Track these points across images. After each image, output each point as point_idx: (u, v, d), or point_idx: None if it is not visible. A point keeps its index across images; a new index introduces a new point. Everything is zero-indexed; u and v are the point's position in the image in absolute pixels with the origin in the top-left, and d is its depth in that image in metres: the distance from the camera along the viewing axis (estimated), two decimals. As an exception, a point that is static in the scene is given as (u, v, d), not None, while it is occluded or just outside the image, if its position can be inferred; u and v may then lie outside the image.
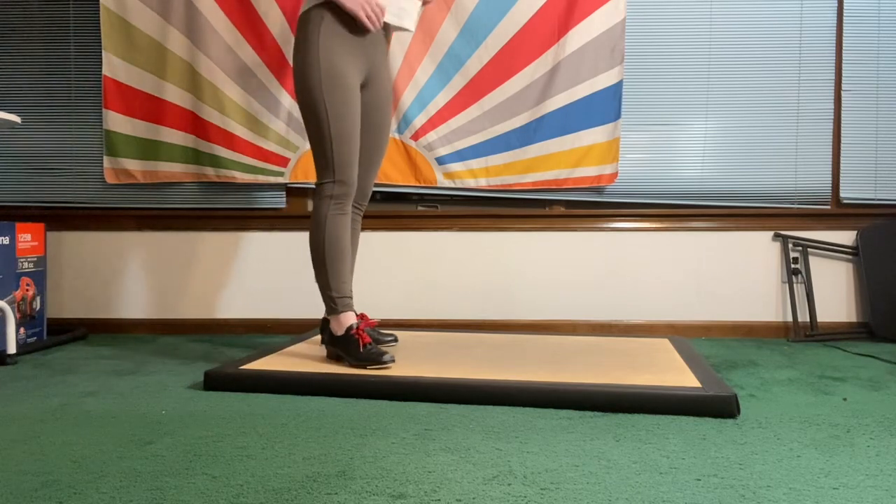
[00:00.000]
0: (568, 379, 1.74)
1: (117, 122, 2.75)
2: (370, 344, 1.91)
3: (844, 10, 2.67)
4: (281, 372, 1.83)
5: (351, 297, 1.99)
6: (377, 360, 1.87)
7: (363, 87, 2.05)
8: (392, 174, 2.73)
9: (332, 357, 2.00)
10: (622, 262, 2.75)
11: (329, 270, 1.95)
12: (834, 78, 2.69)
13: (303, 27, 1.94)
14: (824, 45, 2.68)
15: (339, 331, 1.95)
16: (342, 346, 1.94)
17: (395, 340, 2.24)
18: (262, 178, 2.75)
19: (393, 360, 1.89)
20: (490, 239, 2.78)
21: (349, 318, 1.96)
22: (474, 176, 2.73)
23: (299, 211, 2.83)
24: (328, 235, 1.93)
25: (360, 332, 1.92)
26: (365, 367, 1.88)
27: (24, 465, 1.25)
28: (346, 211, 1.97)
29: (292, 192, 2.82)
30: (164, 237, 2.84)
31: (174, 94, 2.73)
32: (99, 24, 2.73)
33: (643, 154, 2.73)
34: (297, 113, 2.72)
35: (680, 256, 2.75)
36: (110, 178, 2.77)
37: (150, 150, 2.75)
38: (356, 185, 2.01)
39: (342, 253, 1.95)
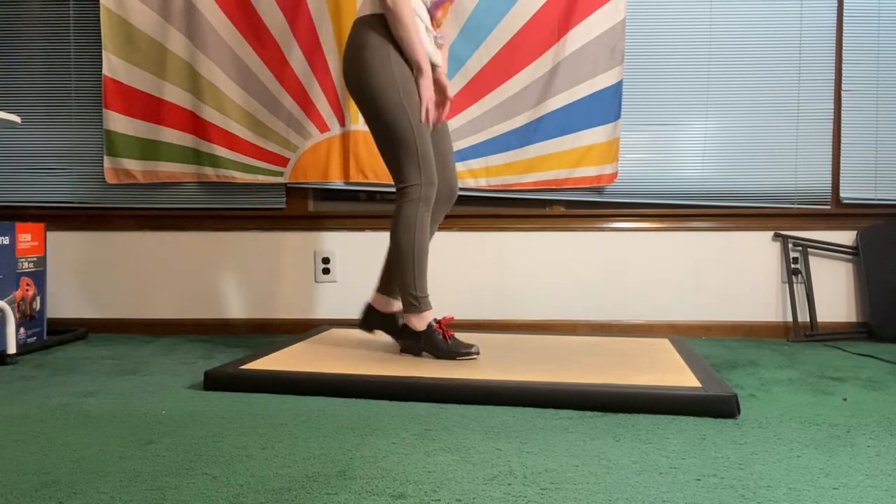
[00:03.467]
0: (568, 379, 1.74)
1: (117, 122, 2.75)
2: (454, 337, 2.02)
3: (844, 10, 2.67)
4: (281, 372, 1.83)
5: (428, 296, 2.08)
6: (466, 352, 1.99)
7: None
8: (392, 174, 2.72)
9: (409, 350, 2.09)
10: (622, 262, 2.76)
11: (416, 271, 2.02)
12: (834, 78, 2.69)
13: (366, 34, 1.95)
14: (824, 45, 2.68)
15: (420, 326, 2.04)
16: (427, 340, 2.03)
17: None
18: (262, 178, 2.75)
19: (478, 353, 2.01)
20: (490, 239, 2.78)
21: (430, 315, 2.05)
22: (474, 176, 2.73)
23: (299, 211, 2.83)
24: (417, 237, 2.00)
25: (442, 326, 2.03)
26: (455, 358, 1.99)
27: (24, 465, 1.25)
28: (429, 213, 2.04)
29: (292, 192, 2.82)
30: (164, 237, 2.84)
31: (174, 94, 2.73)
32: (99, 24, 2.74)
33: (643, 154, 2.73)
34: (297, 113, 2.72)
35: (680, 256, 2.75)
36: (110, 178, 2.77)
37: (150, 150, 2.76)
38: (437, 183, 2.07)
39: (426, 253, 2.04)
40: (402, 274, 2.02)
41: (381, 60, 1.94)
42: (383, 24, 1.95)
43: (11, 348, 2.23)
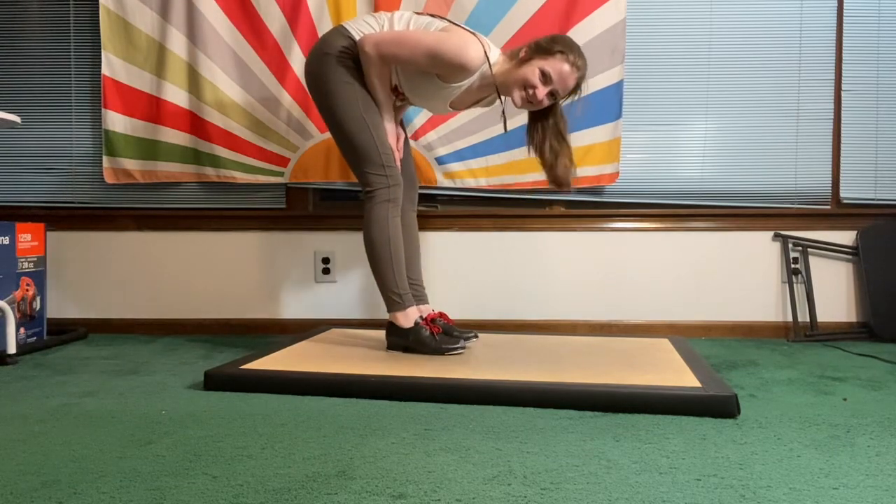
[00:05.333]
0: (568, 379, 1.74)
1: (117, 121, 2.75)
2: (441, 333, 2.06)
3: (844, 10, 2.67)
4: (281, 372, 1.83)
5: (410, 293, 2.12)
6: (453, 347, 2.02)
7: None
8: (392, 174, 2.73)
9: (395, 347, 2.11)
10: (622, 262, 2.75)
11: (395, 268, 2.05)
12: (834, 78, 2.69)
13: (336, 45, 2.01)
14: (824, 45, 2.68)
15: (406, 323, 2.07)
16: (414, 337, 2.06)
17: (476, 336, 2.27)
18: (262, 178, 2.75)
19: (465, 347, 2.05)
20: (490, 239, 2.78)
21: (415, 312, 2.09)
22: (474, 176, 2.73)
23: (299, 211, 2.83)
24: (391, 238, 2.04)
25: (429, 322, 2.05)
26: (443, 354, 2.02)
27: (24, 465, 1.25)
28: (399, 213, 2.08)
29: (292, 192, 2.82)
30: (163, 237, 2.84)
31: (174, 94, 2.73)
32: (99, 24, 2.74)
33: (643, 154, 2.73)
34: (297, 113, 2.72)
35: (680, 256, 2.75)
36: (110, 178, 2.77)
37: (149, 149, 2.75)
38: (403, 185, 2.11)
39: (401, 252, 2.07)
40: (381, 274, 2.06)
41: (344, 75, 2.00)
42: (337, 40, 2.02)
43: (11, 348, 2.23)
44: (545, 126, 2.07)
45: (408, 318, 2.07)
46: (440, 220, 2.78)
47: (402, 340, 2.09)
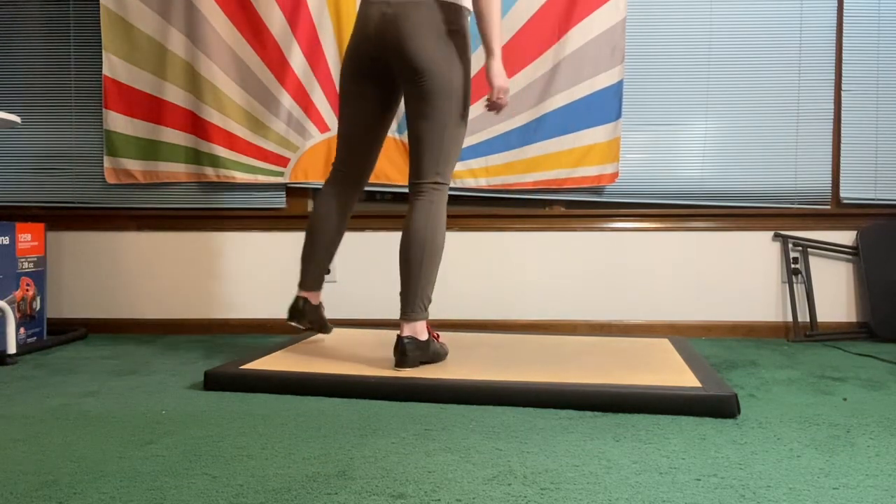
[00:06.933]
0: (568, 379, 1.74)
1: (118, 122, 2.75)
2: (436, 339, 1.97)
3: (844, 10, 2.67)
4: (281, 372, 1.83)
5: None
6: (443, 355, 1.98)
7: None
8: (392, 174, 2.73)
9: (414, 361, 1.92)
10: (622, 262, 2.75)
11: (435, 273, 1.90)
12: (834, 78, 2.69)
13: (463, 24, 1.89)
14: (824, 45, 2.68)
15: (424, 335, 1.90)
16: (432, 348, 1.92)
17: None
18: (262, 178, 2.75)
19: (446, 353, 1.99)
20: (490, 239, 2.78)
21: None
22: (474, 176, 2.73)
23: (299, 211, 2.83)
24: (444, 238, 1.92)
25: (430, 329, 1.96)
26: (434, 362, 1.95)
27: (24, 465, 1.25)
28: None
29: (292, 192, 2.82)
30: (164, 237, 2.84)
31: (174, 94, 2.73)
32: (99, 24, 2.74)
33: (643, 154, 2.73)
34: (297, 113, 2.72)
35: (680, 256, 2.75)
36: (111, 178, 2.77)
37: (150, 150, 2.76)
38: None
39: None
40: (429, 275, 1.86)
41: (469, 57, 1.92)
42: (466, 17, 1.90)
43: (11, 348, 2.23)
44: None
45: (424, 328, 1.90)
46: (440, 220, 2.77)
47: (418, 350, 1.89)
